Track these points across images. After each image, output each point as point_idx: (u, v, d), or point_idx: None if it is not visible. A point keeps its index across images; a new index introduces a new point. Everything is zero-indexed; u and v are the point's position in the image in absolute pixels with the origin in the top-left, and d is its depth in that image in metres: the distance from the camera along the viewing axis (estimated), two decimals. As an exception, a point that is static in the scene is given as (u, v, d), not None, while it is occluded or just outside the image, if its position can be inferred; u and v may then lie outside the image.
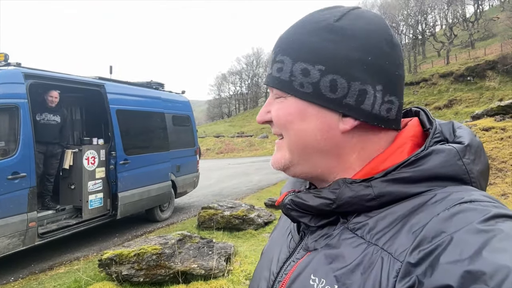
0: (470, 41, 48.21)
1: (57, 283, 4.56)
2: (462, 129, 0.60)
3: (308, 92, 0.59)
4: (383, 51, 0.59)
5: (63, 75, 6.09)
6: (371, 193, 0.55)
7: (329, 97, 0.58)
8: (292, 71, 0.60)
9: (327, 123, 0.59)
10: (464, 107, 33.39)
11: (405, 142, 0.60)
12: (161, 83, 8.92)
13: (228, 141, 39.58)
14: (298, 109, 0.60)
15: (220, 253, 4.35)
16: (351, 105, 0.58)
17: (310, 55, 0.59)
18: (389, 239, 0.51)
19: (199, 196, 10.76)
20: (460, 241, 0.44)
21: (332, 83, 0.57)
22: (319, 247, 0.59)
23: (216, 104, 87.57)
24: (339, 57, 0.57)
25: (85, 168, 6.25)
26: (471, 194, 0.51)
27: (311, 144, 0.61)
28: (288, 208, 0.64)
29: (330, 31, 0.59)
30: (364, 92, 0.57)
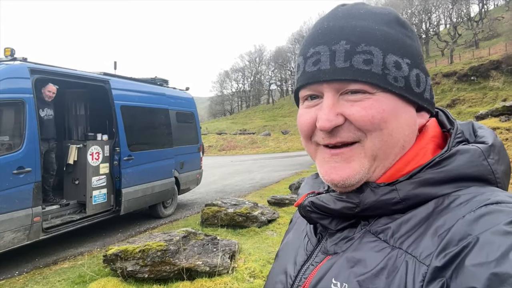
0: (474, 41, 47.98)
1: (62, 278, 4.57)
2: (484, 129, 0.59)
3: (401, 86, 0.56)
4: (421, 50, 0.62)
5: (69, 71, 6.10)
6: (396, 197, 0.54)
7: (416, 91, 0.58)
8: (385, 64, 0.55)
9: (412, 118, 0.59)
10: (467, 107, 33.27)
11: (428, 143, 0.60)
12: (165, 80, 8.91)
13: (230, 138, 39.58)
14: (392, 105, 0.56)
15: (225, 250, 4.35)
16: (428, 99, 0.60)
17: (397, 47, 0.56)
18: (413, 242, 0.50)
19: (202, 193, 10.77)
20: (486, 242, 0.43)
21: (418, 78, 0.58)
22: (340, 251, 0.58)
23: (218, 101, 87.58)
24: (416, 52, 0.59)
25: (89, 164, 6.26)
26: (497, 195, 0.49)
27: (399, 141, 0.57)
28: (308, 210, 0.62)
29: (402, 25, 0.59)
30: (431, 87, 0.61)
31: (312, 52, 0.58)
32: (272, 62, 79.15)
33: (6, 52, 5.22)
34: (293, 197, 8.43)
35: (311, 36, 0.60)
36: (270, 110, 65.96)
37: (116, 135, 6.63)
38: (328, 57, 0.56)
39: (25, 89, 5.05)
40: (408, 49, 0.57)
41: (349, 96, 0.56)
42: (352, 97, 0.56)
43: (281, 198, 8.33)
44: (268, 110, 65.97)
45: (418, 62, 0.58)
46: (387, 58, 0.55)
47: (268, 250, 5.22)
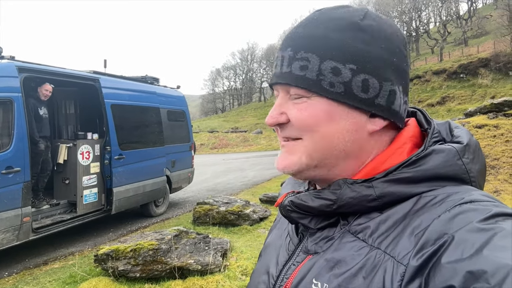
0: (463, 39, 48.50)
1: (52, 278, 4.54)
2: (460, 129, 0.60)
3: (339, 92, 0.57)
4: (403, 53, 0.60)
5: (58, 69, 6.03)
6: (372, 194, 0.55)
7: (361, 97, 0.57)
8: (320, 70, 0.57)
9: (356, 124, 0.58)
10: (456, 104, 33.66)
11: (405, 142, 0.60)
12: (156, 78, 8.86)
13: (222, 136, 39.52)
14: (326, 109, 0.58)
15: (217, 249, 4.36)
16: (383, 105, 0.58)
17: (340, 53, 0.57)
18: (391, 242, 0.51)
19: (194, 192, 10.75)
20: (461, 240, 0.44)
21: (364, 83, 0.57)
22: (321, 251, 0.58)
23: (210, 99, 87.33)
24: (371, 57, 0.57)
25: (80, 163, 6.21)
26: (471, 194, 0.51)
27: (338, 146, 0.59)
28: (288, 209, 0.63)
29: (359, 29, 0.57)
30: (394, 92, 0.58)
31: (275, 56, 0.64)
32: (264, 60, 79.13)
33: (-7, 50, 5.15)
34: (285, 195, 8.45)
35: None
36: (262, 108, 65.96)
37: (107, 134, 6.59)
38: (279, 62, 0.62)
39: (13, 88, 4.99)
40: (357, 54, 0.56)
41: (294, 99, 0.60)
42: (295, 100, 0.60)
43: (273, 196, 8.35)
44: (260, 108, 65.97)
45: (369, 67, 0.56)
46: (323, 64, 0.57)
47: (260, 248, 5.23)
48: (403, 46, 0.61)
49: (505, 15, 40.36)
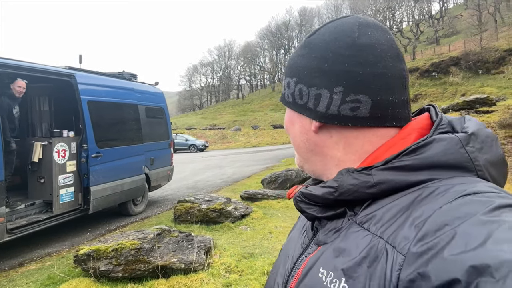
0: (435, 38, 49.82)
1: (29, 280, 4.40)
2: (471, 121, 0.61)
3: (289, 101, 0.69)
4: (341, 55, 0.61)
5: (31, 64, 5.81)
6: (370, 181, 0.57)
7: (299, 103, 0.67)
8: (284, 86, 0.71)
9: (304, 126, 0.69)
10: (429, 101, 34.55)
11: (410, 133, 0.61)
12: (133, 74, 8.68)
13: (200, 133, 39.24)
14: (288, 116, 0.72)
15: (200, 247, 4.33)
16: (311, 108, 0.65)
17: (290, 70, 0.69)
18: (393, 232, 0.51)
19: (173, 190, 10.64)
20: (464, 233, 0.44)
21: (300, 92, 0.66)
22: (329, 241, 0.61)
23: (187, 95, 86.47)
24: (304, 68, 0.66)
25: (55, 162, 6.03)
26: (475, 185, 0.50)
27: (300, 145, 0.71)
28: (298, 199, 0.67)
29: (302, 47, 0.68)
30: (319, 96, 0.64)
31: None
32: (241, 57, 78.94)
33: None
34: (266, 191, 8.49)
35: None
36: (240, 105, 65.84)
37: (83, 131, 6.41)
38: None
39: (-16, 84, 4.79)
40: (297, 68, 0.67)
41: None
42: None
43: (253, 192, 8.38)
44: (238, 105, 65.83)
45: (303, 77, 0.66)
46: (285, 80, 0.71)
47: (243, 245, 5.24)
48: (345, 47, 0.61)
49: (475, 15, 41.74)
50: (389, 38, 0.63)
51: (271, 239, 5.55)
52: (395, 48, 0.63)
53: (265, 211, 7.21)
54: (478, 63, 34.30)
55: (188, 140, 30.56)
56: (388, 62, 0.61)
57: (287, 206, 7.72)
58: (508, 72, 31.67)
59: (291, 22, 74.86)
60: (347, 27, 0.63)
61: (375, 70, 0.60)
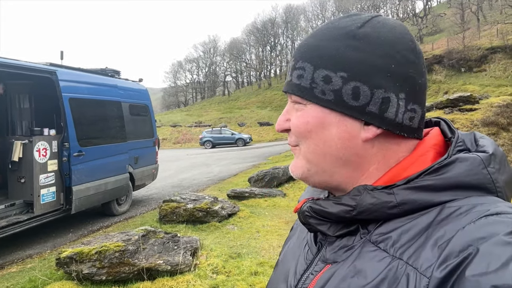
0: (419, 36, 50.48)
1: (10, 283, 4.25)
2: (485, 139, 0.59)
3: (329, 99, 0.58)
4: (407, 59, 0.58)
5: (10, 61, 5.61)
6: (393, 200, 0.54)
7: (351, 104, 0.57)
8: (313, 78, 0.59)
9: (348, 131, 0.59)
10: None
11: (428, 150, 0.60)
12: (117, 71, 8.51)
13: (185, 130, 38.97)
14: (318, 117, 0.59)
15: (186, 248, 4.26)
16: (374, 113, 0.57)
17: (332, 62, 0.58)
18: (413, 253, 0.50)
19: (158, 188, 10.51)
20: (486, 253, 0.43)
21: (355, 91, 0.57)
22: (340, 260, 0.58)
23: (172, 92, 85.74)
24: (363, 64, 0.57)
25: (36, 161, 5.86)
26: (497, 206, 0.49)
27: (330, 153, 0.60)
28: (307, 215, 0.63)
29: (353, 37, 0.58)
30: (387, 100, 0.57)
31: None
32: (227, 53, 78.60)
33: None
34: (253, 190, 8.45)
35: None
36: (226, 102, 65.59)
37: (65, 129, 6.24)
38: (289, 72, 0.65)
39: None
40: (348, 62, 0.57)
41: (295, 106, 0.63)
42: (296, 106, 0.63)
43: (240, 191, 8.32)
44: (224, 102, 65.58)
45: (360, 74, 0.56)
46: (316, 72, 0.59)
47: (230, 245, 5.19)
48: (410, 51, 0.58)
49: (458, 13, 42.44)
50: None
51: (258, 238, 5.51)
52: None
53: (252, 210, 7.17)
54: (461, 61, 34.90)
55: (234, 134, 30.54)
56: (426, 74, 0.61)
57: (274, 204, 7.70)
58: (490, 70, 32.32)
59: (277, 19, 74.87)
60: (404, 30, 0.60)
61: (425, 81, 0.60)
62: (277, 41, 74.56)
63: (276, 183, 9.60)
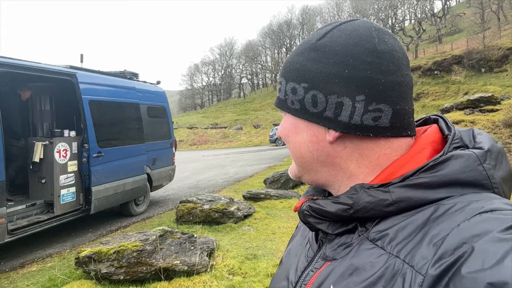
0: (437, 36, 49.65)
1: (30, 282, 4.35)
2: (482, 135, 0.59)
3: (297, 109, 0.64)
4: (363, 61, 0.58)
5: (32, 64, 5.76)
6: (389, 198, 0.55)
7: (312, 111, 0.62)
8: (285, 91, 0.66)
9: (315, 136, 0.64)
10: (431, 100, 34.47)
11: (424, 147, 0.60)
12: (135, 73, 8.64)
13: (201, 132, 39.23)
14: (292, 124, 0.66)
15: (203, 248, 4.27)
16: (330, 117, 0.60)
17: (296, 75, 0.63)
18: (410, 251, 0.50)
19: (175, 189, 10.59)
20: (481, 251, 0.43)
21: (313, 99, 0.61)
22: (339, 257, 0.59)
23: (188, 94, 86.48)
24: (318, 73, 0.60)
25: (57, 162, 5.98)
26: (492, 202, 0.49)
27: (306, 155, 0.65)
28: (306, 214, 0.64)
29: (313, 50, 0.62)
30: (340, 104, 0.59)
31: None
32: (243, 56, 78.85)
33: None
34: (268, 191, 8.43)
35: None
36: (241, 104, 65.78)
37: (85, 131, 6.36)
38: None
39: (-15, 83, 4.74)
40: (308, 73, 0.61)
41: (282, 114, 0.70)
42: (283, 115, 0.70)
43: (256, 192, 8.31)
44: (240, 104, 65.77)
45: (317, 83, 0.60)
46: (287, 85, 0.65)
47: (246, 246, 5.18)
48: (367, 54, 0.58)
49: (478, 13, 41.55)
50: (401, 46, 0.63)
51: (274, 240, 5.49)
52: (406, 56, 0.63)
53: (268, 211, 7.15)
54: (481, 61, 34.15)
55: None
56: (404, 71, 0.60)
57: (290, 206, 7.66)
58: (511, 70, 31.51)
59: (293, 20, 74.72)
60: (364, 32, 0.60)
61: (394, 78, 0.59)
62: (293, 42, 74.38)
63: (291, 184, 9.56)
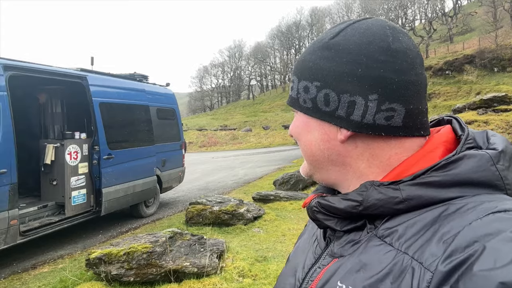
0: (449, 36, 49.07)
1: (42, 283, 4.38)
2: (497, 137, 0.59)
3: (309, 107, 0.64)
4: (376, 60, 0.58)
5: (44, 67, 5.82)
6: (399, 196, 0.55)
7: (324, 110, 0.62)
8: (298, 89, 0.66)
9: (327, 134, 0.64)
10: (442, 100, 34.02)
11: (437, 147, 0.60)
12: (145, 75, 8.68)
13: (211, 134, 39.31)
14: (303, 122, 0.66)
15: (212, 250, 4.26)
16: (342, 116, 0.60)
17: (309, 73, 0.63)
18: (419, 247, 0.50)
19: (185, 191, 10.61)
20: (493, 249, 0.43)
21: (326, 97, 0.61)
22: (346, 254, 0.59)
23: (198, 96, 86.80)
24: (331, 72, 0.60)
25: (68, 163, 6.03)
26: (505, 203, 0.49)
27: (317, 153, 0.66)
28: (315, 210, 0.64)
29: (326, 48, 0.62)
30: (353, 103, 0.59)
31: None
32: (252, 58, 78.93)
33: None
34: (278, 193, 8.39)
35: None
36: (250, 105, 65.81)
37: (95, 133, 6.41)
38: None
39: (-2, 86, 4.79)
40: (321, 72, 0.61)
41: (294, 113, 0.70)
42: (294, 114, 0.70)
43: (266, 194, 8.28)
44: (249, 106, 65.81)
45: (330, 82, 0.60)
46: (300, 84, 0.65)
47: (256, 248, 5.15)
48: (380, 52, 0.58)
49: (490, 11, 40.97)
50: (415, 45, 0.62)
51: (284, 241, 5.45)
52: (421, 56, 0.63)
53: (278, 213, 7.11)
54: (493, 60, 33.65)
55: None
56: (417, 70, 0.60)
57: (300, 207, 7.60)
58: (525, 70, 31.01)
59: (302, 21, 74.57)
60: (378, 30, 0.60)
61: (408, 77, 0.59)
62: (302, 44, 74.23)
63: (301, 186, 9.51)
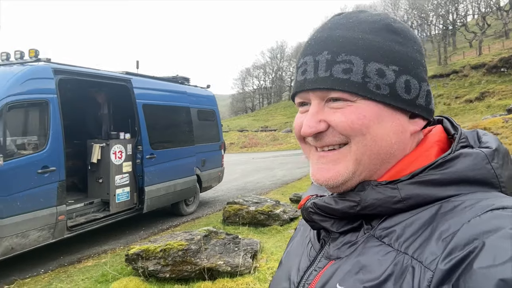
0: (504, 31, 46.09)
1: (85, 276, 4.62)
2: (488, 136, 0.59)
3: (385, 94, 0.57)
4: (423, 55, 0.62)
5: (91, 70, 6.15)
6: (397, 195, 0.54)
7: (404, 98, 0.57)
8: (365, 72, 0.56)
9: (401, 125, 0.58)
10: (497, 99, 32.01)
11: (431, 146, 0.60)
12: (186, 78, 8.92)
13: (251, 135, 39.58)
14: (374, 112, 0.57)
15: (246, 250, 4.29)
16: (423, 105, 0.59)
17: (381, 55, 0.57)
18: (418, 247, 0.49)
19: (224, 191, 10.76)
20: (493, 246, 0.43)
21: (407, 84, 0.57)
22: (344, 256, 0.57)
23: (239, 98, 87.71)
24: (408, 58, 0.58)
25: (113, 162, 6.32)
26: (502, 201, 0.49)
27: (384, 148, 0.58)
28: (311, 211, 0.62)
29: (393, 32, 0.59)
30: (429, 93, 0.60)
31: (302, 62, 0.62)
32: (294, 58, 78.56)
33: (30, 53, 5.30)
34: (316, 194, 8.28)
35: (303, 46, 0.64)
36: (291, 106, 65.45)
37: (139, 133, 6.68)
38: (312, 67, 0.59)
39: (49, 89, 5.12)
40: (397, 55, 0.57)
41: (332, 104, 0.58)
42: (335, 104, 0.58)
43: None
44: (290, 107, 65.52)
45: (409, 68, 0.58)
46: (368, 66, 0.56)
47: (291, 250, 5.12)
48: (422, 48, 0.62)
49: (550, 4, 38.04)
50: None
51: (320, 244, 5.37)
52: None
53: (315, 215, 7.01)
54: (555, 57, 31.19)
55: None
56: None
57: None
58: None
59: (345, 21, 73.17)
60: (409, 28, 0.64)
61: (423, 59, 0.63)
62: (345, 43, 72.83)
63: (341, 188, 9.32)
